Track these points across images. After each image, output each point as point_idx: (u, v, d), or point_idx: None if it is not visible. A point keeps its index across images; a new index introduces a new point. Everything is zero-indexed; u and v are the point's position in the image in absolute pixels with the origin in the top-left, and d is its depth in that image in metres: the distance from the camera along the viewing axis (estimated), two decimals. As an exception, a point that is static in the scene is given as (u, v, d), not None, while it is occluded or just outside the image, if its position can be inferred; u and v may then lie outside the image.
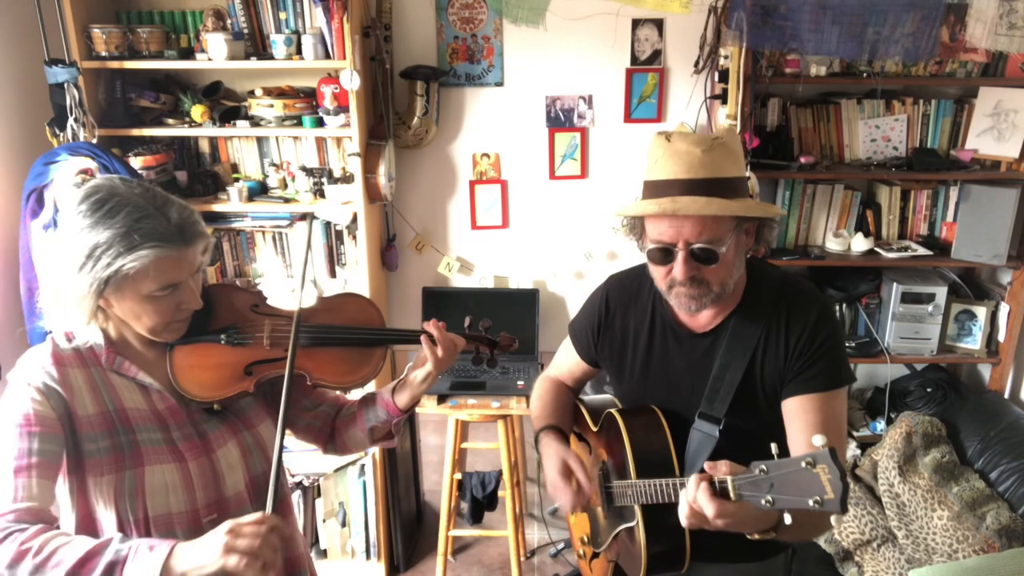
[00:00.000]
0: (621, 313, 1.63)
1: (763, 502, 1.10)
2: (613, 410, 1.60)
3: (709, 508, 1.15)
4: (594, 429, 1.71)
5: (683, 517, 1.21)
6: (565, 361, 1.81)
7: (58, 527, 1.19)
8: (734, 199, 1.36)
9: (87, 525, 1.25)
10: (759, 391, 1.47)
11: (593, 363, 1.75)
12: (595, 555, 1.76)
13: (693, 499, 1.17)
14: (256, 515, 1.15)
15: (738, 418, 1.46)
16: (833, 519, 1.06)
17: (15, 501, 1.15)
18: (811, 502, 1.05)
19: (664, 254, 1.40)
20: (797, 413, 1.42)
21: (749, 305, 1.49)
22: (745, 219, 1.40)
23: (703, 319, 1.51)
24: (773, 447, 1.12)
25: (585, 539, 1.79)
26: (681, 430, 1.51)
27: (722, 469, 1.18)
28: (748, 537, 1.24)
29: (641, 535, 1.48)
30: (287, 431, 1.51)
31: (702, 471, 1.20)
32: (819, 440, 1.06)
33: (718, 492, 1.16)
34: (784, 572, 1.70)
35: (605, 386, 2.97)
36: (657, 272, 1.44)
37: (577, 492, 1.56)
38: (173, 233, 1.22)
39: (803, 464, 1.06)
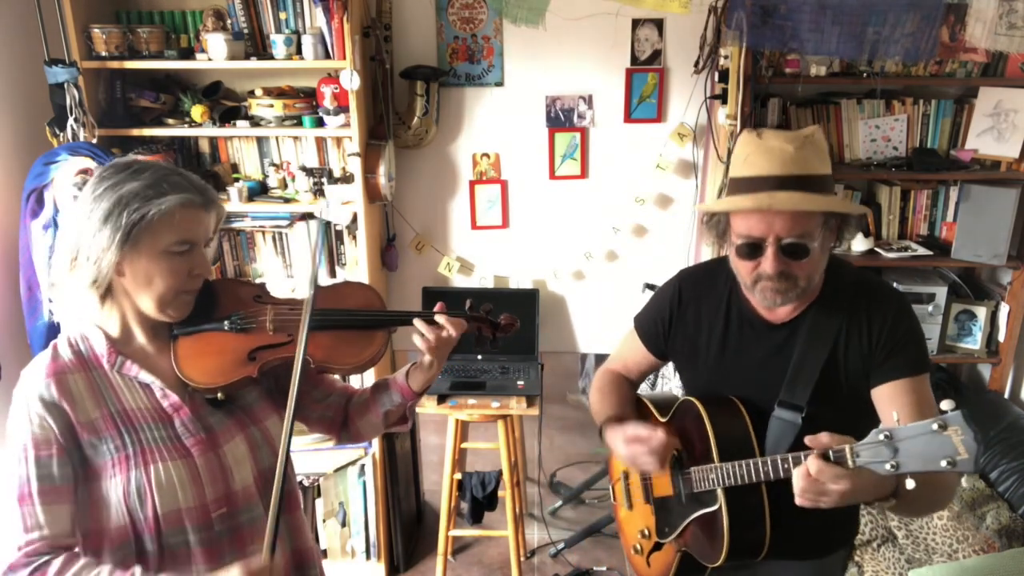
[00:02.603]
0: (694, 305, 1.64)
1: (887, 467, 1.13)
2: (692, 398, 1.60)
3: (839, 483, 1.18)
4: (662, 420, 1.71)
5: (799, 494, 1.24)
6: (629, 354, 1.81)
7: (77, 551, 1.22)
8: (824, 196, 1.39)
9: (95, 539, 1.26)
10: (842, 380, 1.49)
11: (661, 355, 1.75)
12: (656, 547, 1.75)
13: (818, 474, 1.20)
14: (266, 560, 1.19)
15: (820, 406, 1.47)
16: (964, 479, 1.08)
17: (27, 531, 1.18)
18: (943, 463, 1.07)
19: (753, 249, 1.41)
20: (891, 398, 1.44)
21: (829, 297, 1.51)
22: (831, 215, 1.42)
23: (782, 311, 1.52)
24: (894, 414, 1.16)
25: (647, 532, 1.78)
26: (757, 420, 1.52)
27: (823, 440, 1.21)
28: (865, 506, 1.25)
29: (724, 519, 1.48)
30: (301, 425, 1.53)
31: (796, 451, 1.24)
32: (948, 404, 1.09)
33: (833, 462, 1.20)
34: (842, 568, 1.73)
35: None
36: (743, 267, 1.45)
37: (652, 447, 1.51)
38: (196, 190, 1.29)
39: (934, 427, 1.09)
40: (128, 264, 1.25)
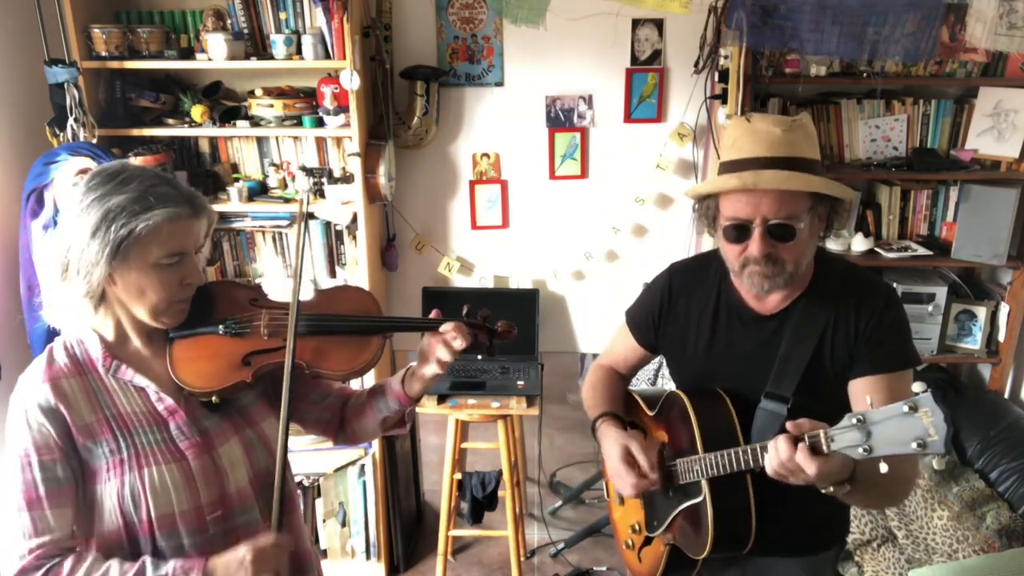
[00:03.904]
0: (685, 298, 1.64)
1: (860, 451, 1.13)
2: (677, 391, 1.60)
3: (810, 466, 1.19)
4: (650, 413, 1.72)
5: (771, 470, 1.25)
6: (620, 348, 1.81)
7: (81, 551, 1.23)
8: (811, 176, 1.39)
9: (90, 541, 1.26)
10: (827, 372, 1.49)
11: (651, 348, 1.76)
12: (646, 542, 1.75)
13: (787, 458, 1.21)
14: (268, 539, 1.24)
15: (806, 398, 1.47)
16: (935, 461, 1.08)
17: (36, 535, 1.19)
18: (914, 445, 1.07)
19: (740, 231, 1.41)
20: (864, 392, 1.44)
21: (818, 288, 1.50)
22: (820, 201, 1.42)
23: (771, 302, 1.52)
24: (868, 399, 1.16)
25: (637, 527, 1.79)
26: (744, 412, 1.52)
27: (806, 426, 1.22)
28: (822, 491, 1.26)
29: (709, 509, 1.49)
30: (297, 426, 1.52)
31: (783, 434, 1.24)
32: (919, 387, 1.08)
33: (809, 448, 1.20)
34: (832, 567, 1.73)
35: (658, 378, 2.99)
36: (731, 251, 1.44)
37: (641, 477, 1.54)
38: (184, 200, 1.27)
39: (905, 409, 1.09)
40: (119, 276, 1.25)
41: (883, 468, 1.13)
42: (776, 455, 1.23)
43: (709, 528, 1.49)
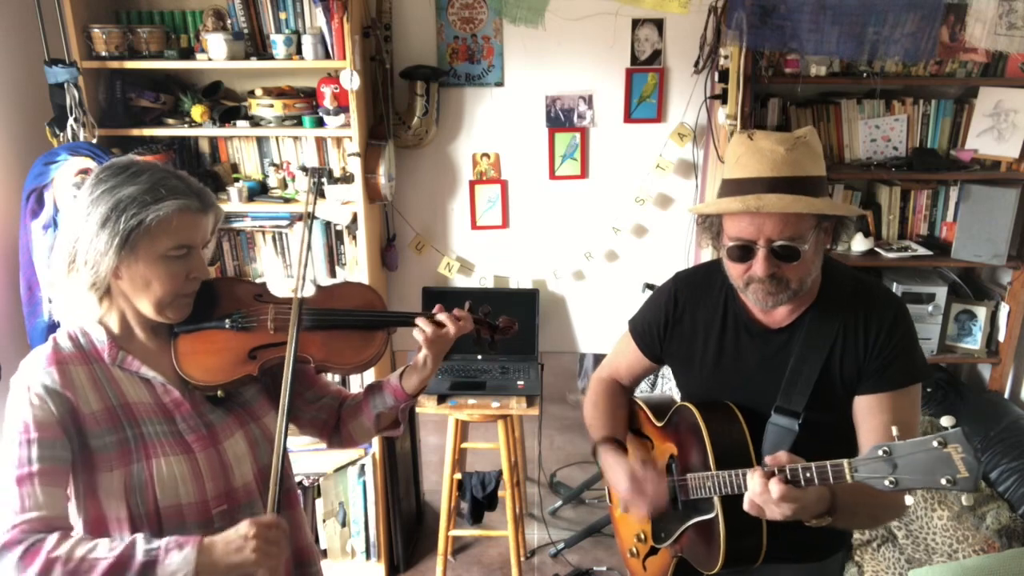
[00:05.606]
0: (691, 309, 1.63)
1: (886, 483, 1.12)
2: (688, 404, 1.59)
3: (775, 492, 1.19)
4: (658, 424, 1.70)
5: (746, 504, 1.26)
6: (623, 358, 1.79)
7: (73, 533, 1.21)
8: (816, 198, 1.37)
9: (97, 526, 1.26)
10: (837, 386, 1.48)
11: (656, 360, 1.74)
12: (652, 551, 1.74)
13: (760, 490, 1.21)
14: (271, 517, 1.22)
15: (817, 412, 1.46)
16: (964, 498, 1.09)
17: (24, 511, 1.16)
18: (943, 481, 1.06)
19: (744, 252, 1.40)
20: (871, 411, 1.43)
21: (826, 301, 1.49)
22: (825, 218, 1.41)
23: (779, 315, 1.51)
24: (894, 429, 1.14)
25: (642, 536, 1.77)
26: (754, 426, 1.51)
27: (782, 459, 1.22)
28: (805, 523, 1.26)
29: (721, 527, 1.47)
30: (292, 426, 1.52)
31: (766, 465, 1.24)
32: (948, 420, 1.08)
33: (789, 480, 1.20)
34: (839, 570, 1.73)
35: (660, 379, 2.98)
36: (735, 269, 1.44)
37: (654, 497, 1.54)
38: (194, 194, 1.28)
39: (934, 444, 1.08)
40: (126, 268, 1.25)
41: (908, 501, 1.12)
42: (750, 488, 1.23)
43: (721, 546, 1.47)
